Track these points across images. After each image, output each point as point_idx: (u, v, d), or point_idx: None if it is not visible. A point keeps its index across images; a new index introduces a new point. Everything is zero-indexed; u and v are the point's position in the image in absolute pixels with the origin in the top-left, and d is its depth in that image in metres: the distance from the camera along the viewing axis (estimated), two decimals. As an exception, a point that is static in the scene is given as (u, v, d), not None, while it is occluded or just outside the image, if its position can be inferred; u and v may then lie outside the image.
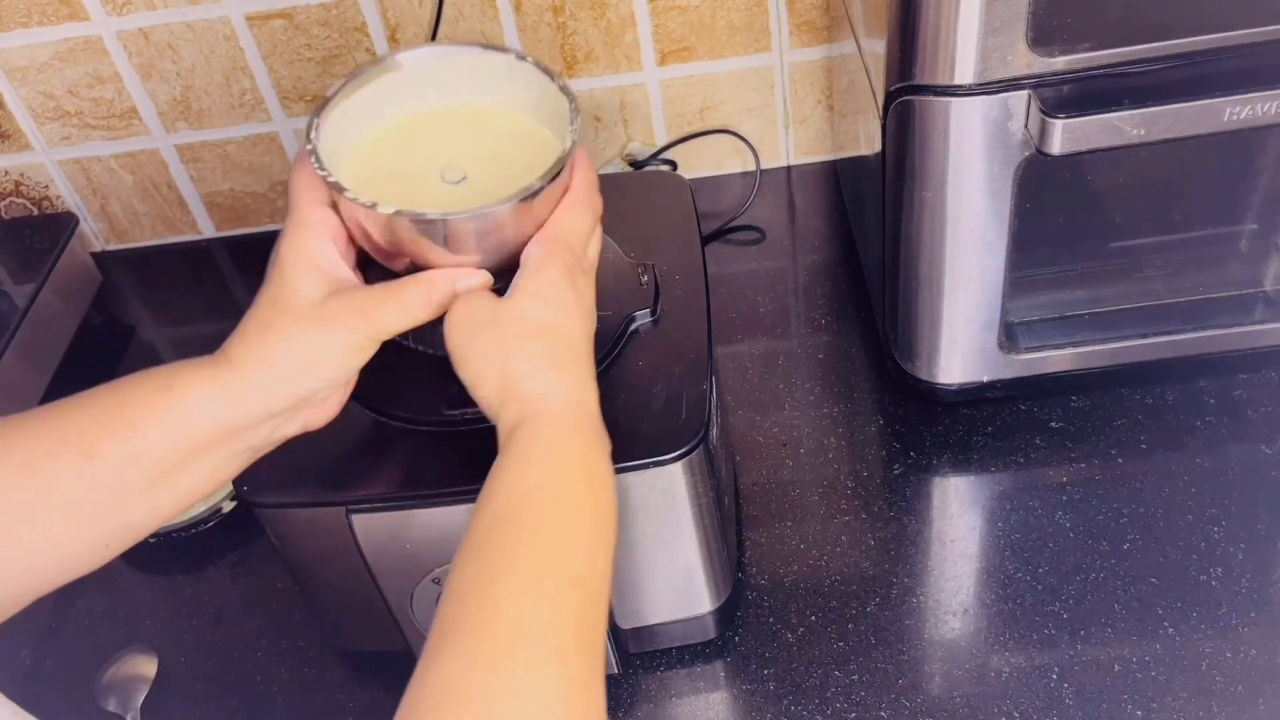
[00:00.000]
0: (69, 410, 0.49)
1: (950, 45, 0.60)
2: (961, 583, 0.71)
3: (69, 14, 0.91)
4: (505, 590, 0.43)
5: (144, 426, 0.49)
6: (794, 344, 0.87)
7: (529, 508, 0.46)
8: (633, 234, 0.69)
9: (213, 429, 0.50)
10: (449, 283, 0.51)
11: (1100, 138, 0.61)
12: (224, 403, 0.49)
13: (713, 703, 0.67)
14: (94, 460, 0.48)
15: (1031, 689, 0.65)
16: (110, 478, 0.48)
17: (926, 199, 0.68)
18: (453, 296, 0.51)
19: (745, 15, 0.93)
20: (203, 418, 0.49)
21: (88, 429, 0.48)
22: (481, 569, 0.44)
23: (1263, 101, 0.59)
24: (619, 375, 0.61)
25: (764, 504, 0.76)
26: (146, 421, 0.49)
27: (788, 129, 1.01)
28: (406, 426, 0.60)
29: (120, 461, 0.48)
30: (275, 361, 0.49)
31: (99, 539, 0.50)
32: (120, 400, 0.49)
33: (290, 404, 0.50)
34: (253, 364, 0.50)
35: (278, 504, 0.60)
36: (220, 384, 0.50)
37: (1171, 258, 0.79)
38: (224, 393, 0.49)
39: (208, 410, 0.49)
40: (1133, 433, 0.77)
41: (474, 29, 0.93)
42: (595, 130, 1.00)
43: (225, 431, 0.50)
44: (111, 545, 0.50)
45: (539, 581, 0.44)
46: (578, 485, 0.48)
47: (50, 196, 1.03)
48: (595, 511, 0.48)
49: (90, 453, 0.48)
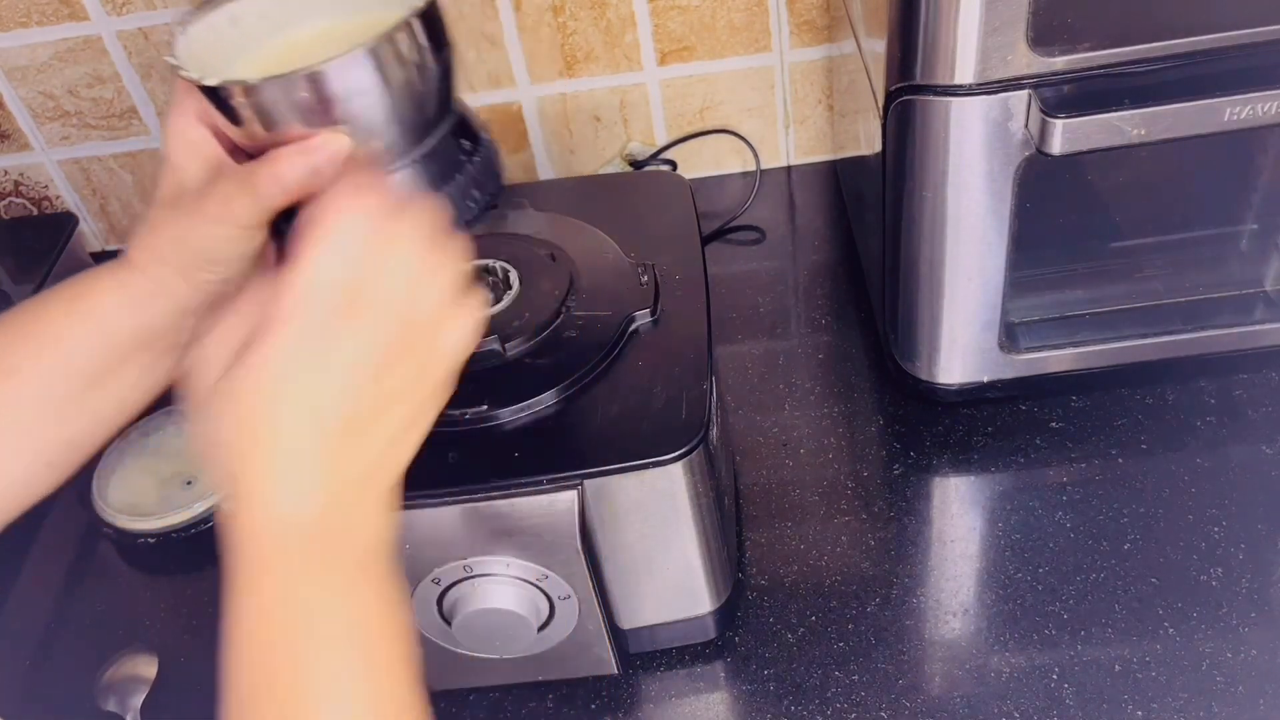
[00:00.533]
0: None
1: (950, 45, 0.60)
2: (962, 583, 0.70)
3: (69, 14, 0.91)
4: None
5: (62, 340, 0.49)
6: (794, 344, 0.87)
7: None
8: (633, 234, 0.69)
9: (131, 334, 0.49)
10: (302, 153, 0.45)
11: (1100, 138, 0.61)
12: (134, 307, 0.49)
13: (713, 703, 0.67)
14: (17, 376, 0.48)
15: (1032, 689, 0.65)
16: (36, 393, 0.48)
17: (926, 199, 0.68)
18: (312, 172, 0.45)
19: (745, 15, 0.93)
20: (118, 324, 0.49)
21: (5, 347, 0.48)
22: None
23: (1263, 101, 0.59)
24: (619, 375, 0.61)
25: (764, 504, 0.76)
26: (63, 335, 0.49)
27: (788, 129, 1.01)
28: (406, 427, 0.60)
29: (43, 376, 0.48)
30: (170, 260, 0.48)
31: (39, 457, 0.49)
32: (35, 316, 0.49)
33: (201, 299, 0.49)
34: (152, 264, 0.49)
35: (277, 504, 0.60)
36: (128, 289, 0.49)
37: (1172, 258, 0.79)
38: (131, 296, 0.49)
39: (120, 316, 0.49)
40: (1133, 433, 0.77)
41: (474, 29, 0.93)
42: (595, 131, 1.00)
43: (144, 335, 0.49)
44: (55, 464, 0.50)
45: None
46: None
47: (50, 196, 1.03)
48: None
49: (12, 370, 0.48)
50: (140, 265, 0.49)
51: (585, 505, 0.58)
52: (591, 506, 0.58)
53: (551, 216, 0.71)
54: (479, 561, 0.59)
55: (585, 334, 0.62)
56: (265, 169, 0.46)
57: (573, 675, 0.67)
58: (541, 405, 0.59)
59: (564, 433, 0.59)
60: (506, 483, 0.57)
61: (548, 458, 0.58)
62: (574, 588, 0.60)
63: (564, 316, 0.63)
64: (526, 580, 0.60)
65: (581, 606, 0.62)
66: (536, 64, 0.95)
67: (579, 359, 0.61)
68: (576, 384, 0.60)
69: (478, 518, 0.58)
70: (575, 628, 0.63)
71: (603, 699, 0.68)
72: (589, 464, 0.57)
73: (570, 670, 0.67)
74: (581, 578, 0.60)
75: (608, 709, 0.68)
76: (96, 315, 0.49)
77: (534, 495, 0.57)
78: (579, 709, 0.68)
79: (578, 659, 0.65)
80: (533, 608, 0.61)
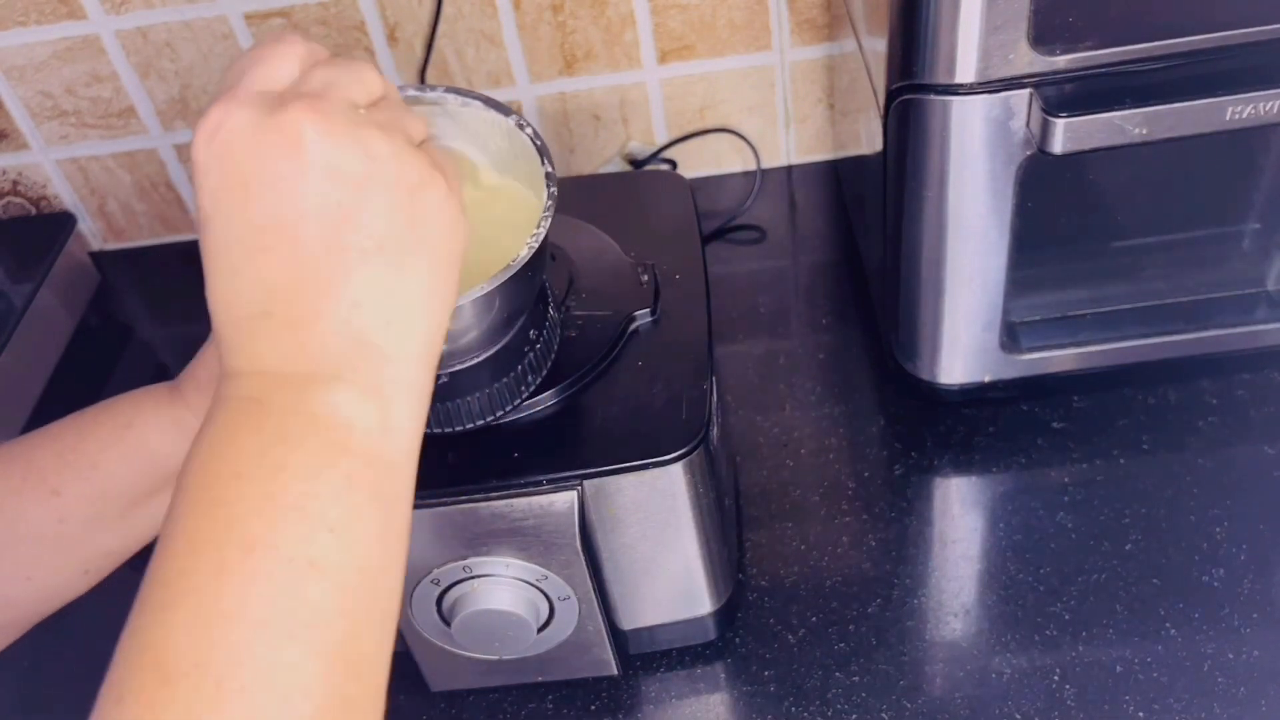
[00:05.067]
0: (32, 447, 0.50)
1: (951, 44, 0.60)
2: (963, 584, 0.70)
3: (67, 13, 0.91)
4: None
5: (106, 465, 0.49)
6: (794, 344, 0.87)
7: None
8: (633, 234, 0.68)
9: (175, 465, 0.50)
10: None
11: (1102, 137, 0.60)
12: (183, 441, 0.50)
13: (713, 704, 0.67)
14: (61, 496, 0.48)
15: (1033, 690, 0.64)
16: (79, 512, 0.49)
17: (927, 198, 0.67)
18: None
19: (746, 13, 0.93)
20: (164, 455, 0.50)
21: (49, 469, 0.49)
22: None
23: (1265, 100, 0.59)
24: (619, 375, 0.61)
25: (764, 505, 0.76)
26: (109, 460, 0.49)
27: (788, 128, 1.01)
28: (405, 427, 0.60)
29: (86, 498, 0.49)
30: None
31: (77, 567, 0.50)
32: (81, 437, 0.50)
33: None
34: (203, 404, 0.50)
35: (276, 505, 0.60)
36: (179, 424, 0.50)
37: (1173, 257, 0.79)
38: (181, 432, 0.50)
39: (168, 447, 0.50)
40: (1135, 433, 0.77)
41: (474, 28, 0.93)
42: (595, 130, 1.00)
43: None
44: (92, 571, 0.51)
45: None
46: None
47: (48, 196, 1.03)
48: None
49: (55, 490, 0.48)
50: (192, 401, 0.51)
51: (585, 505, 0.58)
52: (591, 506, 0.58)
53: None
54: (479, 562, 0.59)
55: (585, 334, 0.62)
56: None
57: (573, 676, 0.67)
58: (541, 405, 0.59)
59: (564, 433, 0.59)
60: (506, 483, 0.57)
61: (547, 458, 0.58)
62: (574, 588, 0.60)
63: (564, 316, 0.63)
64: (526, 581, 0.60)
65: (581, 607, 0.61)
66: (536, 63, 0.95)
67: (579, 359, 0.61)
68: (576, 384, 0.60)
69: (477, 518, 0.57)
70: (575, 628, 0.63)
71: (603, 700, 0.68)
72: (589, 464, 0.57)
73: (570, 671, 0.67)
74: (581, 578, 0.60)
75: (608, 710, 0.68)
76: (145, 447, 0.50)
77: (534, 495, 0.57)
78: (579, 710, 0.68)
79: (578, 660, 0.65)
80: (532, 608, 0.61)
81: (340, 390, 0.36)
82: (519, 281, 0.49)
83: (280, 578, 0.33)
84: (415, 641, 0.64)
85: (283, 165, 0.35)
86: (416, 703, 0.69)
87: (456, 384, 0.54)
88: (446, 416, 0.55)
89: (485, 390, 0.55)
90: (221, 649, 0.32)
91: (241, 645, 0.32)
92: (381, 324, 0.37)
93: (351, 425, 0.36)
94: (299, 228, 0.36)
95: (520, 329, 0.55)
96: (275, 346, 0.36)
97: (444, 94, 0.52)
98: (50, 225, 1.01)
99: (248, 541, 0.33)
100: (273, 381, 0.36)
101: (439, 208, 0.38)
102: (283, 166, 0.35)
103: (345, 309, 0.36)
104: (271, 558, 0.33)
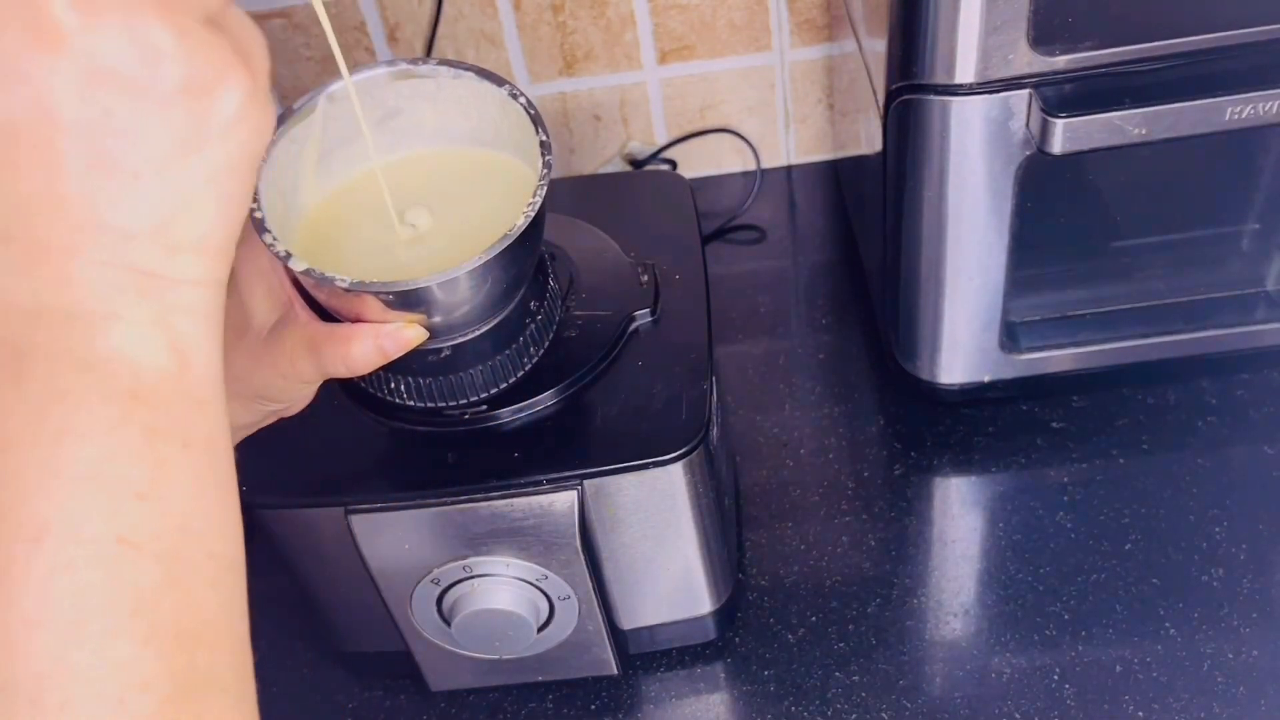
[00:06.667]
0: None
1: (951, 44, 0.60)
2: (963, 583, 0.70)
3: (67, 13, 0.91)
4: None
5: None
6: (794, 344, 0.87)
7: None
8: (633, 234, 0.68)
9: None
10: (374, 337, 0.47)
11: (1102, 137, 0.60)
12: None
13: (713, 704, 0.67)
14: None
15: (1033, 690, 0.64)
16: None
17: (927, 198, 0.67)
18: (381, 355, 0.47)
19: (746, 14, 0.93)
20: None
21: None
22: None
23: (1265, 101, 0.59)
24: (619, 375, 0.61)
25: (764, 504, 0.76)
26: None
27: (788, 128, 1.01)
28: (405, 427, 0.60)
29: None
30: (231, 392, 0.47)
31: None
32: None
33: (253, 421, 0.50)
34: None
35: (276, 504, 0.60)
36: None
37: (1173, 257, 0.79)
38: None
39: None
40: (1134, 433, 0.77)
41: (474, 28, 0.93)
42: (595, 130, 1.00)
43: None
44: None
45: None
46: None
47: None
48: None
49: None
50: None
51: (585, 505, 0.58)
52: (591, 506, 0.58)
53: (551, 216, 0.70)
54: (479, 561, 0.59)
55: (585, 334, 0.62)
56: (334, 349, 0.47)
57: (573, 675, 0.67)
58: (541, 405, 0.59)
59: (564, 433, 0.59)
60: (506, 483, 0.57)
61: (547, 458, 0.58)
62: (574, 588, 0.60)
63: (563, 316, 0.63)
64: (526, 580, 0.60)
65: (581, 607, 0.61)
66: (536, 63, 0.95)
67: (579, 359, 0.61)
68: (576, 384, 0.60)
69: (477, 518, 0.58)
70: (575, 628, 0.63)
71: (603, 699, 0.68)
72: (589, 464, 0.57)
73: (570, 670, 0.67)
74: (581, 578, 0.60)
75: (608, 709, 0.68)
76: None
77: (534, 495, 0.57)
78: (579, 709, 0.68)
79: (578, 659, 0.65)
80: (532, 608, 0.61)
81: (118, 328, 0.30)
82: (517, 251, 0.49)
83: (86, 565, 0.28)
84: (415, 641, 0.64)
85: (32, 59, 0.28)
86: (416, 702, 0.69)
87: (458, 357, 0.54)
88: (450, 390, 0.55)
89: (488, 362, 0.55)
90: (28, 664, 0.27)
91: (53, 656, 0.27)
92: (160, 248, 0.30)
93: (140, 367, 0.30)
94: (54, 140, 0.28)
95: (520, 301, 0.55)
96: (21, 277, 0.29)
97: (436, 66, 0.52)
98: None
99: (36, 528, 0.28)
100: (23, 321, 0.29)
101: (238, 111, 0.31)
102: (32, 61, 0.28)
103: (114, 237, 0.29)
104: (69, 543, 0.28)
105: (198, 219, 0.31)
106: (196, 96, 0.30)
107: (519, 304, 0.55)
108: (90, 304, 0.30)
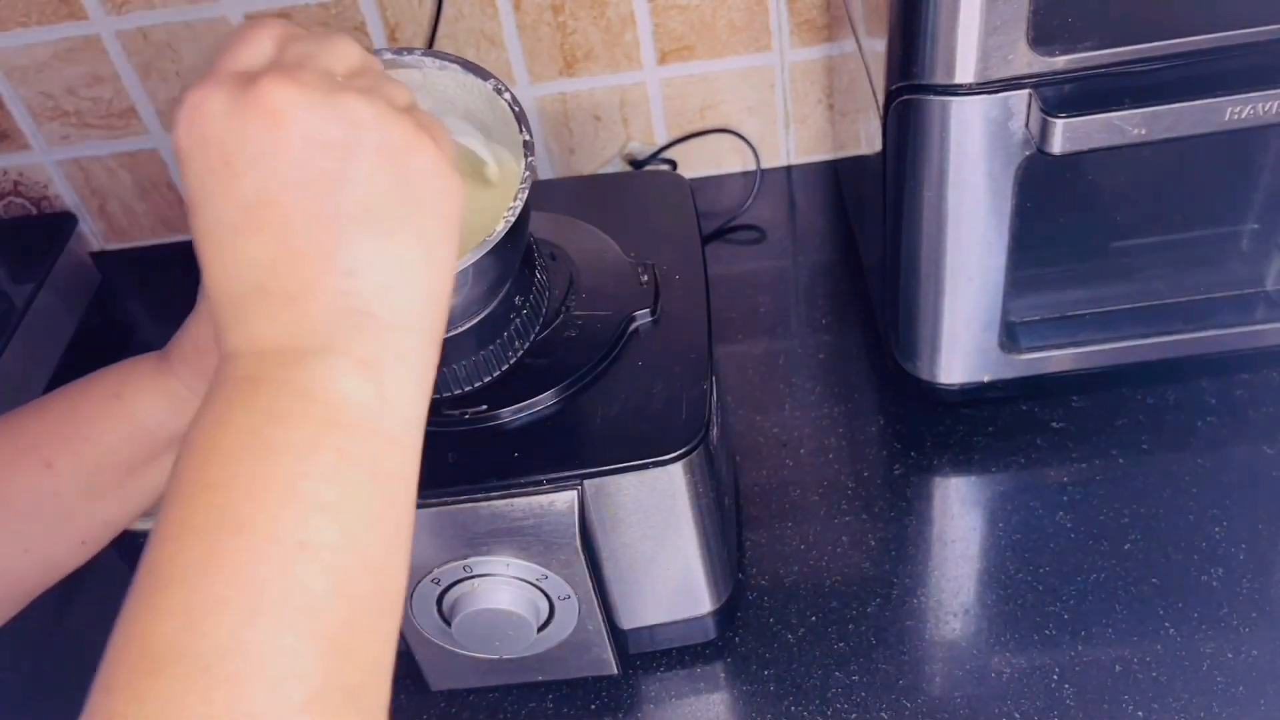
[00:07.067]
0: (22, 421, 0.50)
1: (951, 44, 0.60)
2: (962, 583, 0.70)
3: (68, 13, 0.91)
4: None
5: (98, 437, 0.49)
6: (794, 344, 0.87)
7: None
8: (633, 234, 0.68)
9: (167, 433, 0.50)
10: None
11: (1101, 137, 0.60)
12: (172, 410, 0.50)
13: (713, 704, 0.67)
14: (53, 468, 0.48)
15: (1032, 689, 0.64)
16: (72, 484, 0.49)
17: (927, 198, 0.67)
18: None
19: (745, 14, 0.93)
20: (155, 424, 0.50)
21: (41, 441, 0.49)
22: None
23: (1264, 101, 0.59)
24: (619, 375, 0.61)
25: (764, 504, 0.76)
26: (100, 432, 0.49)
27: (788, 128, 1.01)
28: (406, 427, 0.60)
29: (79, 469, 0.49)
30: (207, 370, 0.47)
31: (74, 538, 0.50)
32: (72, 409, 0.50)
33: None
34: (190, 375, 0.50)
35: (276, 504, 0.60)
36: (167, 393, 0.50)
37: (1172, 257, 0.79)
38: (170, 401, 0.50)
39: (157, 417, 0.50)
40: (1134, 433, 0.77)
41: (474, 28, 0.93)
42: (595, 130, 1.00)
43: (179, 432, 0.49)
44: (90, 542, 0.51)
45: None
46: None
47: (49, 196, 1.03)
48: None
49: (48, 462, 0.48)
50: (179, 371, 0.51)
51: (585, 505, 0.58)
52: (591, 506, 0.58)
53: (551, 216, 0.71)
54: (479, 561, 0.59)
55: (585, 334, 0.62)
56: None
57: (573, 675, 0.67)
58: (541, 405, 0.59)
59: (564, 433, 0.59)
60: (506, 483, 0.57)
61: (547, 458, 0.58)
62: (574, 588, 0.60)
63: (563, 316, 0.63)
64: (526, 580, 0.60)
65: (581, 607, 0.61)
66: (536, 63, 0.95)
67: (579, 359, 0.61)
68: (576, 384, 0.60)
69: (477, 518, 0.58)
70: (575, 628, 0.63)
71: (603, 699, 0.68)
72: (589, 464, 0.57)
73: (570, 670, 0.67)
74: (581, 578, 0.60)
75: (608, 709, 0.68)
76: (134, 415, 0.50)
77: (534, 495, 0.57)
78: (579, 709, 0.68)
79: (578, 659, 0.65)
80: (532, 608, 0.61)
81: (334, 363, 0.35)
82: (497, 255, 0.49)
83: (271, 561, 0.32)
84: (415, 641, 0.64)
85: (263, 140, 0.35)
86: (416, 702, 0.69)
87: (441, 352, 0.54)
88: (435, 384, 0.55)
89: (471, 358, 0.55)
90: (209, 636, 0.31)
91: (230, 631, 0.31)
92: (376, 292, 0.36)
93: (345, 399, 0.35)
94: (285, 201, 0.35)
95: (504, 297, 0.54)
96: (270, 323, 0.35)
97: (420, 57, 0.51)
98: (51, 225, 1.01)
99: (237, 524, 0.32)
100: (268, 359, 0.35)
101: (428, 171, 0.37)
102: (263, 141, 0.35)
103: (338, 279, 0.35)
104: (261, 540, 0.32)
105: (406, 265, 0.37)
106: (392, 156, 0.36)
107: (502, 301, 0.55)
108: (315, 341, 0.35)
